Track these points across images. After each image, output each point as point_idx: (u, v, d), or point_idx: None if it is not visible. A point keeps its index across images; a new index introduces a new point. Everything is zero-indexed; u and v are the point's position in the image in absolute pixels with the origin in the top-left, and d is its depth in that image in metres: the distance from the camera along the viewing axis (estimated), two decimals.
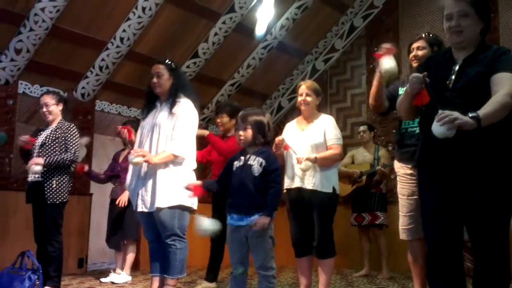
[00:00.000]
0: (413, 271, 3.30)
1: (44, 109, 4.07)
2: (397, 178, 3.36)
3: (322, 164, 3.57)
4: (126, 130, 3.87)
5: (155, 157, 3.35)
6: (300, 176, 3.58)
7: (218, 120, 4.61)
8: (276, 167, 2.82)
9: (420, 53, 3.33)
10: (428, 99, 2.25)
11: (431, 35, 3.42)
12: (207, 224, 2.89)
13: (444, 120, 1.94)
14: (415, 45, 3.37)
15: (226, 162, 3.04)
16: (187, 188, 3.04)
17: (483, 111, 2.03)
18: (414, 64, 3.35)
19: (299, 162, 3.50)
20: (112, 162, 5.36)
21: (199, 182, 3.05)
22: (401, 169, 3.31)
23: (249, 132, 2.86)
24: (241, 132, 2.89)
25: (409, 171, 3.23)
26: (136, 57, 5.92)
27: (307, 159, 3.49)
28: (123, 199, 4.95)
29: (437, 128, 1.97)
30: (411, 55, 3.38)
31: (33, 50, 5.17)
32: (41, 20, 4.95)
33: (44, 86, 5.56)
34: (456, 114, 1.94)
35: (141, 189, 3.42)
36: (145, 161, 3.33)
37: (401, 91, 3.32)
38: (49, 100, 4.10)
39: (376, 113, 3.65)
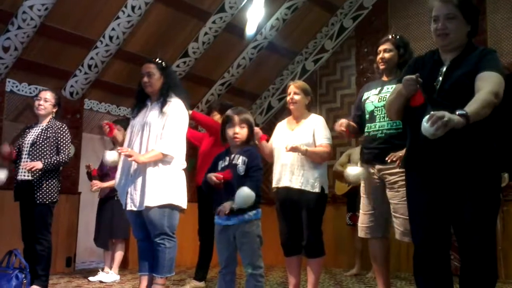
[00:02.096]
0: (375, 269, 3.38)
1: (41, 102, 4.06)
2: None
3: (311, 158, 3.58)
4: (107, 126, 3.85)
5: (143, 155, 3.34)
6: (289, 171, 3.59)
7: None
8: (256, 164, 2.79)
9: (386, 55, 3.39)
10: (423, 99, 2.27)
11: (397, 37, 3.48)
12: None
13: (436, 123, 1.94)
14: (381, 47, 3.43)
15: (212, 161, 3.01)
16: (216, 184, 2.75)
17: (470, 108, 2.05)
18: (381, 67, 3.43)
19: (287, 149, 3.48)
20: (101, 162, 5.34)
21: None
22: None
23: (245, 130, 2.85)
24: (237, 129, 2.85)
25: (371, 171, 3.30)
26: (125, 56, 5.90)
27: (294, 147, 3.47)
28: (99, 185, 4.91)
29: (428, 129, 1.98)
30: (378, 57, 3.44)
31: (21, 48, 5.12)
32: (30, 18, 4.91)
33: (32, 84, 5.52)
34: (447, 115, 1.95)
35: (130, 188, 3.41)
36: (133, 160, 3.33)
37: (365, 95, 3.39)
38: (49, 97, 4.11)
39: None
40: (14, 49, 5.07)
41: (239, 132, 2.83)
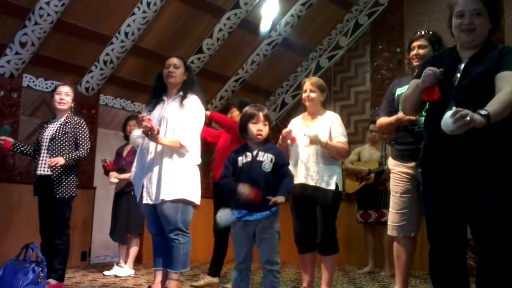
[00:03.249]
0: (397, 268, 3.33)
1: (63, 96, 4.11)
2: (391, 175, 3.37)
3: (329, 152, 3.57)
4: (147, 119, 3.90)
5: (162, 138, 3.38)
6: (304, 168, 3.58)
7: (229, 115, 4.62)
8: (286, 161, 2.85)
9: (421, 51, 3.31)
10: (438, 96, 2.24)
11: (431, 32, 3.40)
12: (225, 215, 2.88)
13: (459, 121, 1.92)
14: (415, 43, 3.35)
15: (228, 157, 3.01)
16: (248, 196, 2.75)
17: (491, 108, 2.02)
18: (415, 63, 3.34)
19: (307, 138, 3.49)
20: (116, 157, 5.38)
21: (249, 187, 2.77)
22: (396, 167, 3.31)
23: (267, 128, 2.89)
24: (261, 126, 2.87)
25: (405, 170, 3.24)
26: (140, 52, 5.93)
27: (317, 138, 3.48)
28: (117, 176, 4.97)
29: (449, 125, 1.95)
30: (412, 53, 3.36)
31: (38, 43, 5.17)
32: (46, 13, 4.95)
33: (48, 79, 5.57)
34: (470, 115, 1.93)
35: (146, 181, 3.44)
36: (151, 138, 3.33)
37: (398, 91, 3.34)
38: (69, 91, 4.17)
39: None
40: (31, 45, 5.12)
41: (263, 129, 2.85)
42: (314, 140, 3.47)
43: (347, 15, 7.12)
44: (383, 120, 3.38)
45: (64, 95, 4.12)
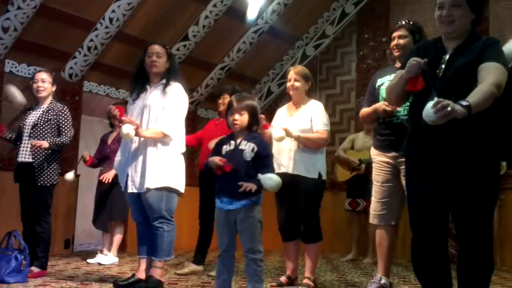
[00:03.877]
0: (379, 255, 3.38)
1: (40, 84, 4.06)
2: (373, 165, 3.41)
3: (305, 144, 3.59)
4: (117, 110, 3.86)
5: (144, 130, 3.35)
6: (288, 157, 3.59)
7: (220, 101, 4.59)
8: (268, 153, 2.83)
9: (401, 41, 3.34)
10: (422, 86, 2.26)
11: (411, 22, 3.42)
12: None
13: (440, 112, 1.94)
14: (396, 33, 3.37)
15: (214, 146, 3.01)
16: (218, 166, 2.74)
17: (472, 99, 2.04)
18: (396, 53, 3.37)
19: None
20: (100, 144, 5.34)
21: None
22: (377, 156, 3.35)
23: (245, 117, 2.84)
24: (236, 116, 2.83)
25: (386, 159, 3.29)
26: (125, 38, 5.86)
27: (285, 129, 3.50)
28: (107, 176, 4.95)
29: (430, 115, 1.97)
30: (393, 43, 3.38)
31: (21, 28, 5.09)
32: None
33: (31, 65, 5.49)
34: (451, 106, 1.94)
35: (130, 170, 3.42)
36: (134, 130, 3.29)
37: (379, 81, 3.37)
38: (46, 76, 4.10)
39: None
40: (14, 30, 5.04)
41: (238, 119, 2.83)
42: (282, 138, 3.48)
43: (334, 3, 7.12)
44: (364, 110, 3.43)
45: (41, 82, 4.06)
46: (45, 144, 3.85)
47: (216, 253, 2.95)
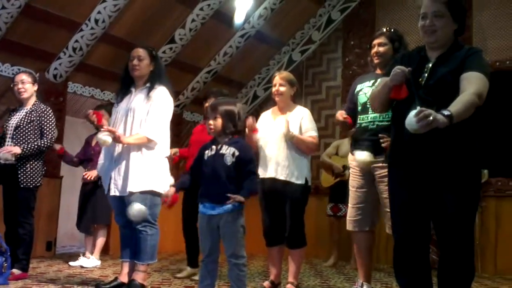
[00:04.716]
0: (358, 261, 3.41)
1: (20, 86, 4.02)
2: (350, 170, 3.44)
3: (298, 145, 3.60)
4: (95, 115, 3.88)
5: (127, 137, 3.34)
6: (275, 162, 3.60)
7: (207, 104, 4.59)
8: (250, 157, 2.84)
9: (381, 49, 3.37)
10: (405, 94, 2.29)
11: (391, 30, 3.46)
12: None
13: (422, 120, 1.97)
14: (376, 41, 3.40)
15: (198, 151, 3.03)
16: (165, 202, 2.97)
17: (454, 108, 2.08)
18: (376, 61, 3.41)
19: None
20: (84, 145, 5.30)
21: (173, 190, 2.96)
22: (354, 162, 3.37)
23: (219, 121, 2.86)
24: (211, 122, 2.88)
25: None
26: (111, 40, 5.83)
27: (287, 122, 3.52)
28: (91, 174, 4.90)
29: (412, 123, 2.00)
30: (373, 51, 3.41)
31: (5, 28, 5.04)
32: None
33: (15, 65, 5.43)
34: (433, 115, 1.97)
35: (114, 173, 3.41)
36: (116, 141, 3.30)
37: (358, 87, 3.40)
38: (25, 77, 4.06)
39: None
40: None
41: (212, 123, 2.87)
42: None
43: (320, 9, 7.16)
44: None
45: (21, 84, 4.02)
46: (16, 150, 3.82)
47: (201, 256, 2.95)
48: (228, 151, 2.80)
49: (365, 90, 3.33)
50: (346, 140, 5.95)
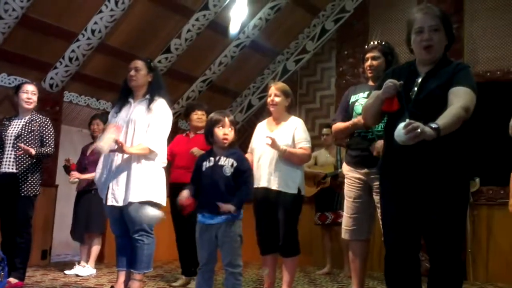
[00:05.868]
0: (352, 269, 3.46)
1: (30, 96, 4.10)
2: (345, 180, 3.47)
3: (290, 158, 3.64)
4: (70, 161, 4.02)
5: (131, 148, 3.39)
6: (268, 172, 3.65)
7: (196, 117, 4.63)
8: (247, 168, 2.90)
9: (375, 62, 3.41)
10: (397, 107, 2.35)
11: (383, 43, 3.50)
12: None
13: (411, 132, 2.03)
14: (369, 55, 3.44)
15: (195, 162, 3.08)
16: (182, 205, 2.93)
17: (441, 121, 2.13)
18: (369, 74, 3.45)
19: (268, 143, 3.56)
20: (80, 155, 5.34)
21: (188, 195, 2.92)
22: (350, 172, 3.41)
23: (233, 133, 2.93)
24: (227, 131, 2.92)
25: (358, 175, 3.35)
26: (107, 50, 5.88)
27: (272, 140, 3.55)
28: (77, 176, 4.91)
29: (401, 135, 2.06)
30: (366, 64, 3.45)
31: (2, 38, 5.08)
32: (12, 8, 4.86)
33: (12, 75, 5.47)
34: (421, 128, 2.03)
35: (112, 183, 3.44)
36: (118, 150, 3.34)
37: (353, 98, 3.45)
38: (35, 90, 4.18)
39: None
40: None
41: (229, 133, 2.91)
42: (274, 144, 3.53)
43: (314, 20, 7.24)
44: (339, 125, 3.47)
45: (31, 94, 4.12)
46: (32, 151, 3.90)
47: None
48: (227, 162, 2.85)
49: (361, 101, 3.36)
50: (322, 150, 6.06)
